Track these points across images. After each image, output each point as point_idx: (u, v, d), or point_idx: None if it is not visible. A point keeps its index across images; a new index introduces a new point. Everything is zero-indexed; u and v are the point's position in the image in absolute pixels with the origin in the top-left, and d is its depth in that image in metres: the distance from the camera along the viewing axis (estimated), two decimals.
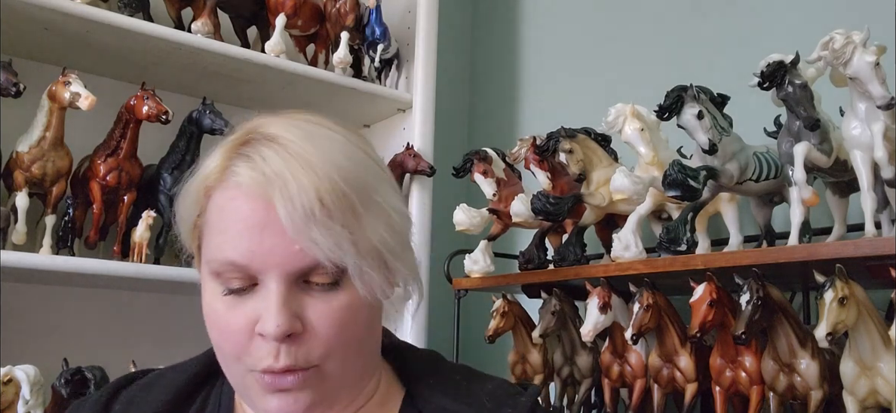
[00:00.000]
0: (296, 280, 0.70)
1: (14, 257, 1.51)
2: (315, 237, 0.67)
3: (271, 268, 0.69)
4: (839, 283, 1.11)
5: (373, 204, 0.71)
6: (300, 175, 0.68)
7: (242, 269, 0.70)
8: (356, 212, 0.69)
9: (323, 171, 0.69)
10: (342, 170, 0.70)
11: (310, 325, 0.70)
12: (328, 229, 0.67)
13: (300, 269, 0.69)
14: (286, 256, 0.68)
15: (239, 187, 0.70)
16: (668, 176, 1.30)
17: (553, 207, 1.53)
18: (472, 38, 2.67)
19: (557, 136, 1.55)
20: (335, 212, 0.68)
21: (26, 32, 1.66)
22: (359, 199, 0.70)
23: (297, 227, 0.67)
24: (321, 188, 0.68)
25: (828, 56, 1.15)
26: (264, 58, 1.84)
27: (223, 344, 0.73)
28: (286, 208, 0.67)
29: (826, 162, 1.23)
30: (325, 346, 0.71)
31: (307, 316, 0.70)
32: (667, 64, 1.96)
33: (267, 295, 0.69)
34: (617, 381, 1.53)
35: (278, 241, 0.68)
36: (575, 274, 1.53)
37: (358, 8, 1.97)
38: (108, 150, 1.68)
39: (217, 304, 0.72)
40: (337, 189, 0.68)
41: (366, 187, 0.71)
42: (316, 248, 0.67)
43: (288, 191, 0.67)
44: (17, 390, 1.44)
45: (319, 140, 0.72)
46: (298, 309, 0.70)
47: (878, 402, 1.14)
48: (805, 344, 1.23)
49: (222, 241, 0.71)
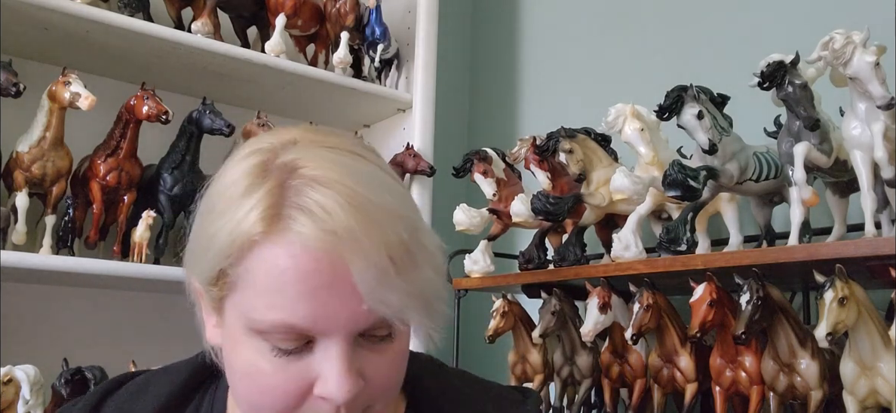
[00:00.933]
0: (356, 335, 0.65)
1: (14, 257, 1.51)
2: (387, 297, 0.63)
3: (336, 330, 0.64)
4: (839, 283, 1.11)
5: (422, 249, 0.67)
6: (371, 231, 0.62)
7: (302, 332, 0.64)
8: (416, 263, 0.65)
9: (387, 223, 0.64)
10: (400, 218, 0.65)
11: (368, 378, 0.67)
12: (398, 288, 0.63)
13: (365, 328, 0.65)
14: (352, 317, 0.64)
15: (302, 245, 0.62)
16: (668, 176, 1.30)
17: (553, 207, 1.53)
18: (472, 38, 2.67)
19: (557, 136, 1.55)
20: (402, 268, 0.64)
21: (26, 32, 1.66)
22: (416, 248, 0.66)
23: (371, 288, 0.62)
24: (390, 244, 0.63)
25: (828, 56, 1.15)
26: (264, 58, 1.84)
27: (270, 403, 0.67)
28: (360, 270, 0.62)
29: (826, 162, 1.23)
30: (378, 396, 0.68)
31: (366, 370, 0.66)
32: (667, 64, 1.96)
33: (329, 357, 0.64)
34: (617, 381, 1.53)
35: (346, 303, 0.63)
36: (575, 274, 1.53)
37: (358, 8, 1.97)
38: (108, 150, 1.68)
39: (263, 364, 0.66)
40: (402, 243, 0.64)
41: (416, 231, 0.67)
42: (386, 309, 0.63)
43: (362, 250, 0.62)
44: (17, 390, 1.44)
45: (368, 181, 0.66)
46: (359, 365, 0.66)
47: (878, 402, 1.14)
48: (805, 344, 1.23)
49: (274, 302, 0.63)
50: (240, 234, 0.64)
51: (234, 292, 0.66)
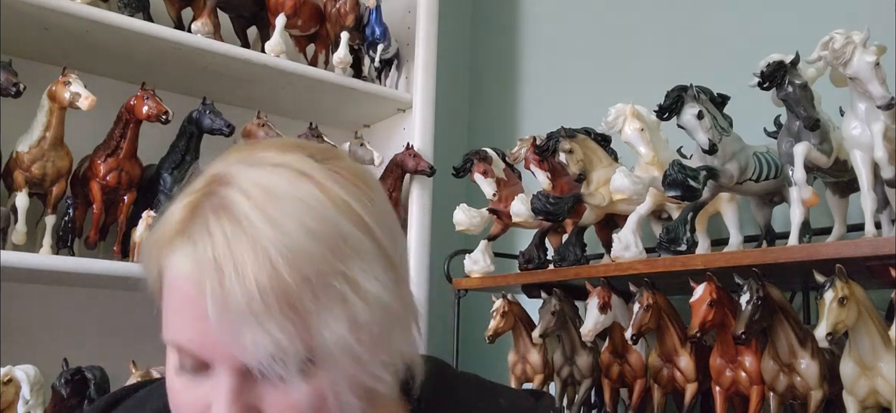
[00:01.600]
0: (248, 371, 0.61)
1: (14, 257, 1.51)
2: (250, 339, 0.58)
3: (219, 359, 0.61)
4: (839, 283, 1.11)
5: (330, 295, 0.60)
6: (238, 261, 0.58)
7: (192, 354, 0.63)
8: (303, 309, 0.58)
9: (271, 256, 0.58)
10: (294, 253, 0.59)
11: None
12: (263, 331, 0.58)
13: (249, 362, 0.60)
14: (231, 349, 0.59)
15: (180, 270, 0.61)
16: (668, 176, 1.30)
17: (553, 207, 1.53)
18: (472, 38, 2.67)
19: (557, 136, 1.55)
20: (275, 309, 0.58)
21: (26, 32, 1.66)
22: (310, 290, 0.59)
23: (223, 325, 0.58)
24: (260, 276, 0.57)
25: (828, 56, 1.15)
26: (264, 58, 1.84)
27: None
28: (214, 305, 0.58)
29: (826, 162, 1.23)
30: None
31: (264, 407, 0.62)
32: (667, 64, 1.96)
33: (217, 386, 0.62)
34: (617, 381, 1.53)
35: (220, 337, 0.59)
36: (575, 274, 1.53)
37: (358, 8, 1.97)
38: (108, 150, 1.68)
39: (174, 380, 0.66)
40: (279, 280, 0.58)
41: (322, 274, 0.59)
42: (250, 351, 0.58)
43: (220, 285, 0.58)
44: (17, 390, 1.44)
45: (281, 207, 0.61)
46: (255, 399, 0.62)
47: (878, 402, 1.14)
48: (805, 344, 1.23)
49: (172, 321, 0.64)
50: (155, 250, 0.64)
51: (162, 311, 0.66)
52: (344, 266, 0.61)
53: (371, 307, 0.61)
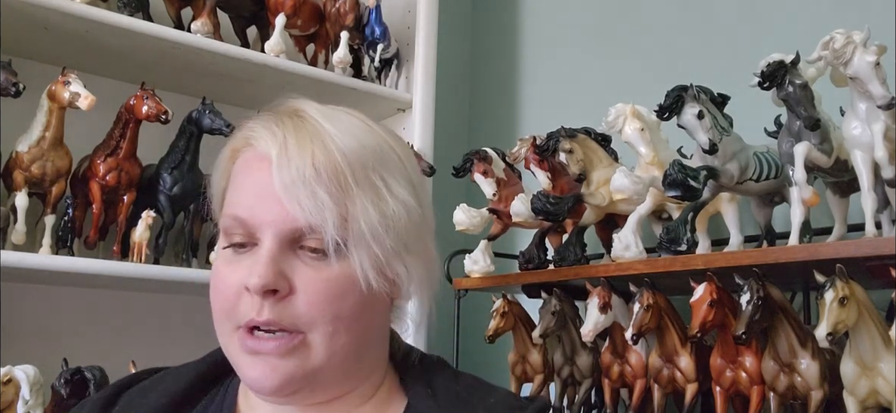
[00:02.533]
0: (289, 243, 0.72)
1: (14, 257, 1.51)
2: (300, 199, 0.70)
3: (266, 226, 0.72)
4: (839, 283, 1.11)
5: (369, 185, 0.74)
6: (302, 141, 0.73)
7: (244, 224, 0.73)
8: (347, 187, 0.72)
9: (324, 142, 0.73)
10: (345, 146, 0.73)
11: (296, 288, 0.72)
12: (313, 195, 0.70)
13: (291, 230, 0.72)
14: (279, 216, 0.71)
15: (253, 148, 0.76)
16: (668, 176, 1.30)
17: (553, 207, 1.53)
18: (472, 38, 2.67)
19: (557, 136, 1.55)
20: (325, 181, 0.71)
21: (26, 32, 1.66)
22: (353, 175, 0.73)
23: (285, 185, 0.71)
24: (316, 155, 0.72)
25: (828, 56, 1.15)
26: (264, 58, 1.84)
27: (216, 301, 0.75)
28: (280, 168, 0.71)
29: (826, 162, 1.23)
30: (309, 314, 0.72)
31: (295, 279, 0.72)
32: (667, 64, 1.96)
33: (259, 252, 0.72)
34: (617, 381, 1.53)
35: (275, 202, 0.71)
36: (575, 274, 1.53)
37: (358, 8, 1.97)
38: (108, 150, 1.68)
39: (219, 263, 0.76)
40: (332, 159, 0.72)
41: (365, 167, 0.74)
42: (299, 211, 0.70)
43: (286, 153, 0.72)
44: (17, 390, 1.44)
45: (337, 120, 0.77)
46: (287, 270, 0.72)
47: (879, 402, 1.14)
48: (805, 344, 1.23)
49: (235, 198, 0.76)
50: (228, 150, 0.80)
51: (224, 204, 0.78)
52: (381, 170, 0.76)
53: (399, 206, 0.75)
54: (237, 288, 0.73)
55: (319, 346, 0.73)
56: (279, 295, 0.71)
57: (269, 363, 0.72)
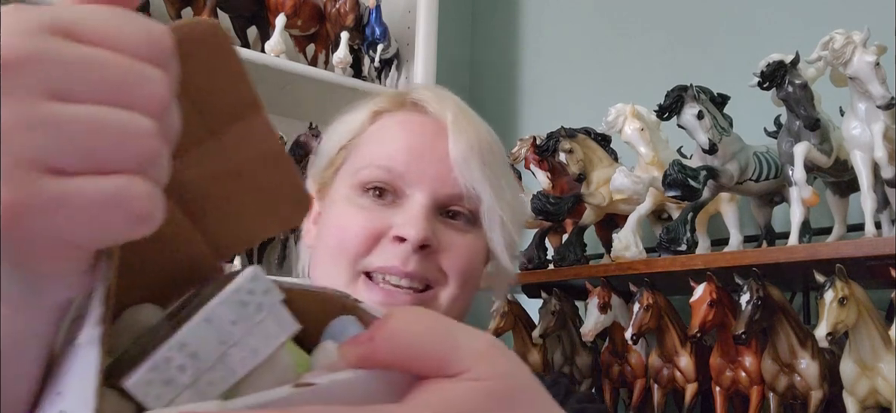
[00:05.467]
0: (439, 207, 0.77)
1: None
2: (471, 171, 0.76)
3: (424, 183, 0.76)
4: (839, 283, 1.11)
5: (509, 173, 0.83)
6: (469, 117, 0.79)
7: (399, 176, 0.77)
8: (503, 168, 0.81)
9: (484, 132, 0.81)
10: (491, 136, 0.82)
11: (442, 249, 0.77)
12: (481, 170, 0.77)
13: (448, 194, 0.77)
14: (439, 176, 0.76)
15: (419, 106, 0.81)
16: (668, 176, 1.30)
17: (553, 207, 1.53)
18: (472, 38, 2.67)
19: (557, 136, 1.55)
20: (489, 157, 0.78)
21: None
22: (503, 161, 0.82)
23: (461, 152, 0.76)
24: (480, 133, 0.79)
25: (828, 56, 1.15)
26: (264, 58, 1.84)
27: (344, 244, 0.77)
28: (456, 134, 0.77)
29: (826, 162, 1.23)
30: (447, 272, 0.77)
31: (441, 240, 0.77)
32: (667, 64, 1.96)
33: (411, 207, 0.76)
34: (617, 381, 1.53)
35: (437, 163, 0.76)
36: (575, 274, 1.53)
37: (358, 8, 1.97)
38: None
39: (350, 209, 0.78)
40: (492, 141, 0.81)
41: (505, 158, 0.85)
42: (468, 178, 0.76)
43: (461, 120, 0.78)
44: None
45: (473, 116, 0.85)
46: (436, 230, 0.77)
47: (879, 402, 1.14)
48: (805, 344, 1.23)
49: (381, 149, 0.79)
50: (370, 109, 0.84)
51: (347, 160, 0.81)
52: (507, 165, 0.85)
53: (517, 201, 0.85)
54: (376, 235, 0.75)
55: (443, 304, 0.77)
56: (429, 250, 0.75)
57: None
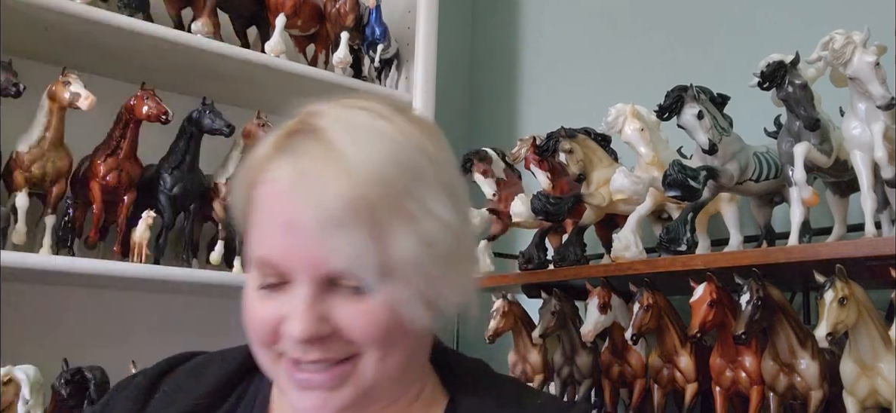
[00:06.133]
0: (326, 282, 0.68)
1: (14, 257, 1.51)
2: (335, 244, 0.65)
3: (300, 269, 0.68)
4: (839, 283, 1.11)
5: (403, 213, 0.67)
6: (331, 176, 0.66)
7: (275, 267, 0.69)
8: (379, 221, 0.66)
9: (355, 172, 0.66)
10: (373, 172, 0.67)
11: (339, 327, 0.69)
12: (348, 237, 0.65)
13: (328, 272, 0.67)
14: (314, 259, 0.67)
15: (275, 184, 0.70)
16: (668, 176, 1.30)
17: (553, 207, 1.53)
18: (472, 38, 2.67)
19: (557, 136, 1.55)
20: (356, 218, 0.65)
21: (26, 32, 1.66)
22: (387, 205, 0.67)
23: (319, 230, 0.66)
24: (343, 188, 0.66)
25: (828, 56, 1.15)
26: (264, 58, 1.84)
27: (255, 335, 0.73)
28: (309, 210, 0.66)
29: (826, 162, 1.23)
30: (358, 342, 0.70)
31: (335, 317, 0.69)
32: (667, 64, 1.96)
33: (296, 295, 0.69)
34: (617, 381, 1.53)
35: (307, 243, 0.67)
36: (575, 274, 1.53)
37: (358, 8, 1.97)
38: (108, 150, 1.68)
39: (252, 294, 0.73)
40: (361, 193, 0.66)
41: (398, 194, 0.68)
42: (335, 255, 0.66)
43: (314, 192, 0.66)
44: (17, 390, 1.44)
45: (365, 135, 0.70)
46: (327, 311, 0.69)
47: (878, 402, 1.14)
48: (805, 344, 1.23)
49: (260, 237, 0.71)
50: (247, 176, 0.73)
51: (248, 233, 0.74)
52: (415, 189, 0.69)
53: (439, 227, 0.69)
54: (274, 325, 0.70)
55: (370, 369, 0.71)
56: (321, 340, 0.69)
57: (321, 396, 0.71)
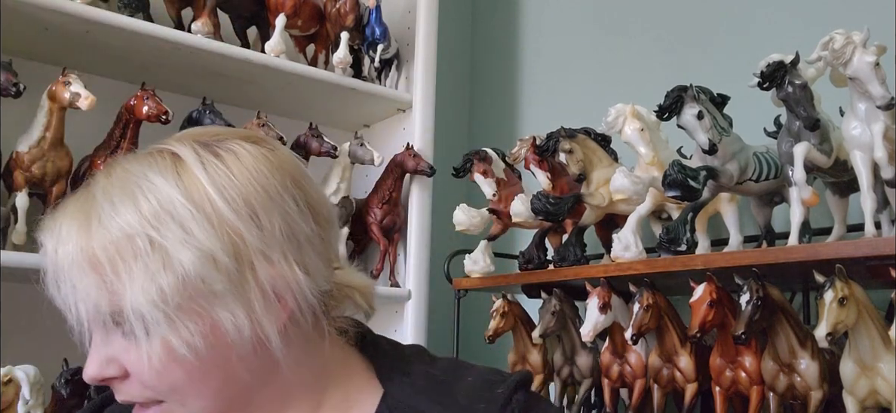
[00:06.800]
0: (107, 326, 0.71)
1: (14, 257, 1.51)
2: (70, 296, 0.70)
3: (77, 318, 0.71)
4: (839, 283, 1.11)
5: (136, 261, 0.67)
6: (67, 229, 0.70)
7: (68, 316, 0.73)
8: (107, 269, 0.68)
9: (88, 223, 0.69)
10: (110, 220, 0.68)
11: (130, 369, 0.71)
12: (77, 289, 0.69)
13: (92, 317, 0.70)
14: (75, 307, 0.71)
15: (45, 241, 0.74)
16: (668, 176, 1.30)
17: (553, 207, 1.53)
18: (472, 38, 2.67)
19: (557, 136, 1.55)
20: (85, 269, 0.69)
21: (26, 32, 1.66)
22: (114, 255, 0.68)
23: (60, 286, 0.70)
24: (77, 244, 0.69)
25: (828, 56, 1.15)
26: (264, 58, 1.84)
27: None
28: (51, 269, 0.71)
29: (826, 162, 1.23)
30: (151, 389, 0.72)
31: (125, 362, 0.71)
32: (667, 64, 1.96)
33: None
34: (617, 381, 1.53)
35: (64, 293, 0.71)
36: (575, 274, 1.53)
37: (358, 8, 1.97)
38: (108, 150, 1.67)
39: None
40: (88, 246, 0.68)
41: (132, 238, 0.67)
42: (80, 303, 0.69)
43: (55, 250, 0.70)
44: (17, 390, 1.44)
45: (123, 181, 0.71)
46: (115, 353, 0.71)
47: (878, 402, 1.14)
48: (805, 344, 1.23)
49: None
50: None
51: None
52: (158, 232, 0.68)
53: (181, 274, 0.67)
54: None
55: (189, 407, 0.73)
56: (118, 379, 0.72)
57: None
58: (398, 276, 1.96)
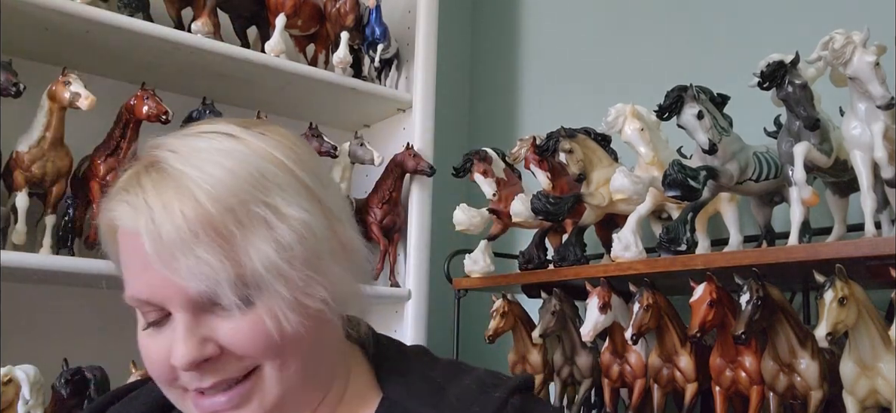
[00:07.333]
0: (200, 305, 0.67)
1: (14, 257, 1.51)
2: (187, 268, 0.64)
3: (169, 299, 0.68)
4: (839, 283, 1.11)
5: (255, 220, 0.66)
6: (166, 201, 0.66)
7: (149, 303, 0.69)
8: (230, 235, 0.65)
9: (191, 192, 0.66)
10: (215, 188, 0.66)
11: (224, 345, 0.68)
12: (197, 258, 0.64)
13: (193, 296, 0.66)
14: (175, 287, 0.66)
15: (123, 224, 0.69)
16: (668, 176, 1.30)
17: (553, 207, 1.53)
18: (472, 37, 2.67)
19: (557, 136, 1.55)
20: (204, 239, 0.64)
21: (26, 32, 1.66)
22: (234, 218, 0.66)
23: (164, 259, 0.65)
24: (186, 211, 0.65)
25: (828, 56, 1.15)
26: (264, 58, 1.84)
27: (154, 375, 0.73)
28: (157, 241, 0.65)
29: (826, 162, 1.23)
30: (250, 361, 0.69)
31: (219, 337, 0.68)
32: (667, 64, 1.96)
33: (176, 325, 0.68)
34: (617, 381, 1.53)
35: (163, 273, 0.65)
36: (575, 274, 1.53)
37: (358, 8, 1.97)
38: (108, 150, 1.68)
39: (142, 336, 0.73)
40: (204, 211, 0.65)
41: (245, 203, 0.66)
42: (192, 278, 0.65)
43: (152, 222, 0.65)
44: (17, 390, 1.44)
45: (199, 155, 0.69)
46: (209, 332, 0.68)
47: (878, 402, 1.14)
48: (805, 344, 1.23)
49: (127, 279, 0.71)
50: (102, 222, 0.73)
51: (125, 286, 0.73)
52: (264, 195, 0.67)
53: (295, 230, 0.68)
54: (167, 359, 0.69)
55: (271, 381, 0.71)
56: (211, 360, 0.69)
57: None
58: (398, 276, 1.96)
